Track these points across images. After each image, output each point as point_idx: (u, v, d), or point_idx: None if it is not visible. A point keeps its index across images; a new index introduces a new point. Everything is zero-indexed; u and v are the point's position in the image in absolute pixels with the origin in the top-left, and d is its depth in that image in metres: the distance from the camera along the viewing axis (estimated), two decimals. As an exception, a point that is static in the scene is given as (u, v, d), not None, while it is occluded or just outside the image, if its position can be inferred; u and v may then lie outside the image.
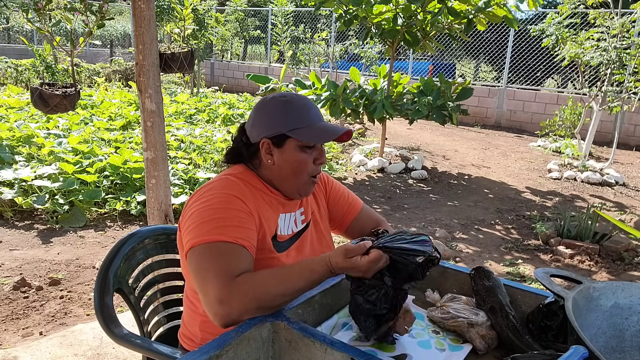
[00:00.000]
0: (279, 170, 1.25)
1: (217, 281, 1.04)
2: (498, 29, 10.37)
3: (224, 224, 1.12)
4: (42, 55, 8.11)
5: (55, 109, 3.11)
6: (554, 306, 1.16)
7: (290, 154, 1.23)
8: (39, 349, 2.30)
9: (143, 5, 2.32)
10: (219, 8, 13.79)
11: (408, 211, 4.78)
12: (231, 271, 1.06)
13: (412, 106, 6.01)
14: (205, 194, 1.19)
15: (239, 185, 1.22)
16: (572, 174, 6.26)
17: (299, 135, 1.21)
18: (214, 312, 1.03)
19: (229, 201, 1.16)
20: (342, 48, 11.50)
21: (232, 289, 1.03)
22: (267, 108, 1.24)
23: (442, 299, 1.32)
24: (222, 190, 1.19)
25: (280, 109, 1.23)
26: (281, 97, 1.25)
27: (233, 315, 1.02)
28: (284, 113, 1.22)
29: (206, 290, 1.05)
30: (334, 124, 1.27)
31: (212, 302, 1.03)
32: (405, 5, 5.61)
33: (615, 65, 6.17)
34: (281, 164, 1.24)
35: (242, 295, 1.03)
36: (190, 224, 1.15)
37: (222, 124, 7.80)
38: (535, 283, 3.14)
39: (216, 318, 1.03)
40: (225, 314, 1.02)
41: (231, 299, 1.02)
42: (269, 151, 1.24)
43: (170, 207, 2.64)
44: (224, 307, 1.02)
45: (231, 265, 1.07)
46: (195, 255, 1.10)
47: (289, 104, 1.23)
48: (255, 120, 1.26)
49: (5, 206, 3.99)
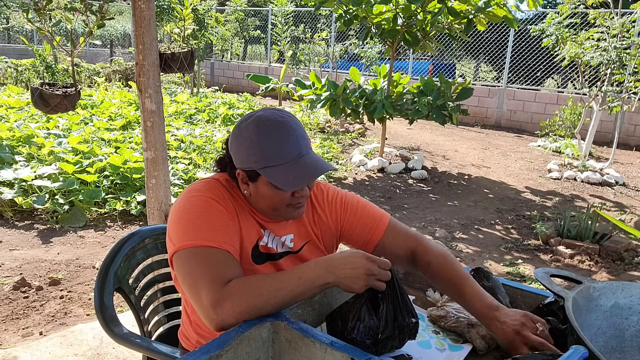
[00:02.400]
0: (256, 201, 1.20)
1: (209, 287, 1.04)
2: (498, 29, 10.37)
3: (207, 228, 1.11)
4: (42, 55, 8.10)
5: (56, 109, 3.10)
6: (554, 306, 1.16)
7: (264, 190, 1.16)
8: (39, 349, 2.30)
9: (143, 5, 2.32)
10: (219, 8, 13.79)
11: (408, 211, 4.78)
12: (222, 277, 1.05)
13: (412, 106, 6.01)
14: (189, 196, 1.18)
15: (221, 191, 1.20)
16: (572, 174, 6.26)
17: (270, 175, 1.12)
18: (209, 318, 1.02)
19: (210, 204, 1.15)
20: (342, 48, 11.49)
21: (225, 294, 1.03)
22: (242, 137, 1.15)
23: (442, 299, 1.32)
24: (204, 193, 1.17)
25: (253, 141, 1.13)
26: (256, 124, 1.14)
27: (227, 321, 1.01)
28: (257, 147, 1.12)
29: (199, 296, 1.04)
30: (317, 159, 1.16)
31: (206, 308, 1.03)
32: (405, 5, 5.61)
33: (615, 65, 6.17)
34: (257, 197, 1.19)
35: (236, 299, 1.02)
36: (173, 227, 1.14)
37: (222, 124, 7.80)
38: (535, 283, 3.14)
39: (212, 324, 1.03)
40: (220, 319, 1.01)
41: (225, 304, 1.02)
42: (244, 181, 1.19)
43: (170, 207, 2.64)
44: (217, 312, 1.01)
45: (221, 271, 1.07)
46: (182, 260, 1.09)
47: (263, 136, 1.12)
48: (232, 145, 1.19)
49: (5, 206, 3.99)
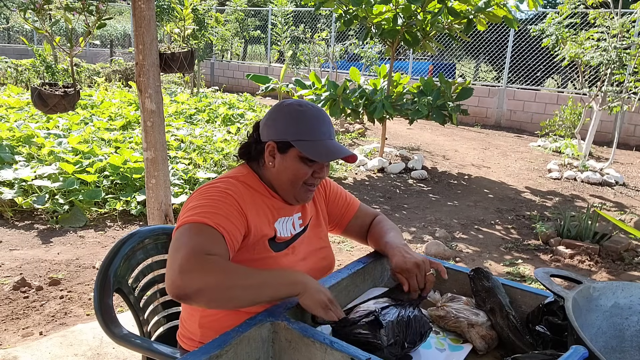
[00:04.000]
0: (278, 175, 1.29)
1: (187, 253, 1.04)
2: (498, 29, 10.37)
3: (211, 210, 1.15)
4: (42, 55, 8.11)
5: (55, 108, 3.10)
6: (554, 306, 1.16)
7: (291, 162, 1.26)
8: (39, 349, 2.30)
9: (143, 5, 2.32)
10: (219, 8, 13.79)
11: (408, 211, 4.78)
12: (203, 249, 1.06)
13: (412, 106, 6.01)
14: (206, 190, 1.22)
15: (239, 188, 1.25)
16: (572, 174, 6.26)
17: (303, 147, 1.23)
18: (172, 280, 1.01)
19: (224, 196, 1.20)
20: (342, 48, 11.49)
21: (198, 262, 1.03)
22: (282, 112, 1.27)
23: (442, 299, 1.32)
24: (222, 189, 1.22)
25: (293, 116, 1.25)
26: (298, 105, 1.27)
27: (188, 289, 1.00)
28: (295, 122, 1.24)
29: (174, 259, 1.04)
30: (341, 145, 1.28)
31: (174, 270, 1.01)
32: (405, 5, 5.61)
33: (615, 65, 6.17)
34: (281, 169, 1.27)
35: (205, 272, 1.02)
36: (184, 210, 1.19)
37: (222, 124, 7.79)
38: (535, 283, 3.14)
39: (172, 286, 1.01)
40: (182, 284, 1.00)
41: (193, 271, 1.01)
42: (272, 153, 1.27)
43: (170, 207, 2.64)
44: (183, 278, 1.00)
45: (205, 244, 1.08)
46: (177, 234, 1.11)
47: (302, 114, 1.25)
48: (268, 120, 1.29)
49: (5, 206, 3.99)
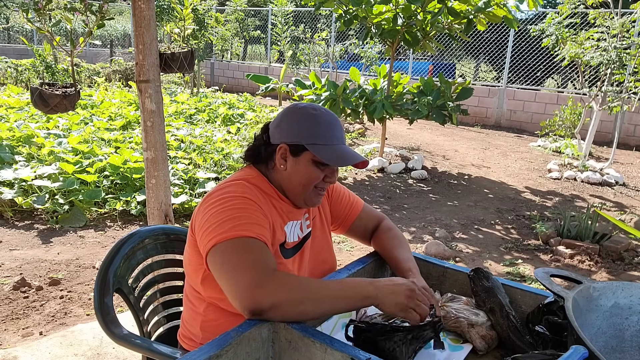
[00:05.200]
0: (289, 178, 1.27)
1: (254, 269, 1.03)
2: (498, 29, 10.37)
3: (246, 221, 1.12)
4: (42, 55, 8.11)
5: (55, 109, 3.09)
6: (554, 306, 1.16)
7: (303, 165, 1.24)
8: (39, 349, 2.30)
9: (143, 5, 2.32)
10: (219, 8, 13.79)
11: (408, 211, 4.78)
12: (266, 263, 1.06)
13: (412, 106, 6.01)
14: (223, 195, 1.19)
15: (254, 191, 1.23)
16: (572, 174, 6.26)
17: (317, 151, 1.22)
18: (246, 297, 1.00)
19: (247, 202, 1.17)
20: (342, 48, 11.49)
21: (267, 277, 1.03)
22: (296, 115, 1.26)
23: (442, 299, 1.32)
24: (239, 193, 1.19)
25: (308, 120, 1.24)
26: (312, 108, 1.26)
27: (264, 304, 0.99)
28: (310, 125, 1.23)
29: (238, 280, 1.02)
30: (354, 150, 1.28)
31: (246, 288, 1.01)
32: (405, 5, 5.61)
33: (615, 65, 6.17)
34: (292, 172, 1.26)
35: (280, 286, 1.02)
36: (209, 224, 1.14)
37: (222, 124, 7.79)
38: (535, 283, 3.14)
39: (246, 304, 1.00)
40: (258, 300, 0.99)
41: (265, 287, 1.01)
42: (284, 156, 1.25)
43: (170, 207, 2.64)
44: (257, 294, 0.99)
45: (264, 258, 1.07)
46: (219, 253, 1.08)
47: (317, 118, 1.24)
48: (280, 122, 1.27)
49: (5, 206, 3.99)
